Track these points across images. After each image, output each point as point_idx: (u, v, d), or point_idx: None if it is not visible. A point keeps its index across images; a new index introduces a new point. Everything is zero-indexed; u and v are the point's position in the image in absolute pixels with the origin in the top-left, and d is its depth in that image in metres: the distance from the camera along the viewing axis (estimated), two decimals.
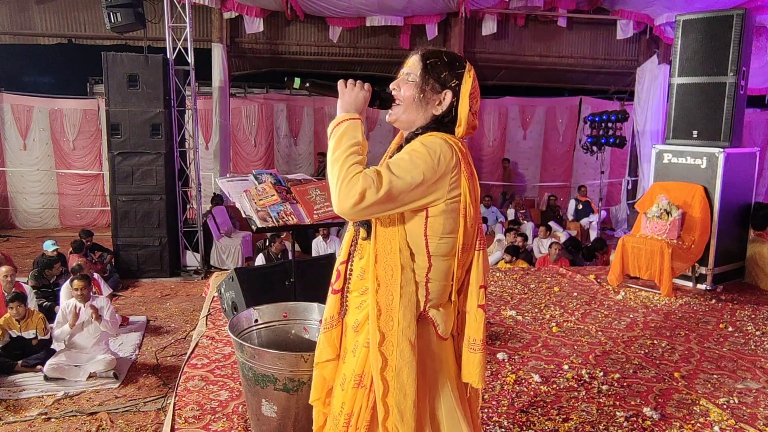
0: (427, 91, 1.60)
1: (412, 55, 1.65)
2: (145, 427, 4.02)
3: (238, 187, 3.30)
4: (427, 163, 1.50)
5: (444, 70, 1.60)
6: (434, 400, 1.64)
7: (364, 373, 1.60)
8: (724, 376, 3.32)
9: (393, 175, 1.47)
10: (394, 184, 1.46)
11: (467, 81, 1.60)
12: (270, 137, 11.80)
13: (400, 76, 1.66)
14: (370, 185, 1.44)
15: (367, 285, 1.61)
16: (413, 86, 1.61)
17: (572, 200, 11.06)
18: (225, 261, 8.58)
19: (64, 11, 9.65)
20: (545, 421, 2.76)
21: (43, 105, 10.79)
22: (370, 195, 1.44)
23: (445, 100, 1.60)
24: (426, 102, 1.61)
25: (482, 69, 11.26)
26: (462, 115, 1.60)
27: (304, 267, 3.67)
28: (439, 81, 1.60)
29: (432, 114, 1.62)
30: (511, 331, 3.96)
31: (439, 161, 1.51)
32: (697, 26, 5.01)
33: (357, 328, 1.63)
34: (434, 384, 1.64)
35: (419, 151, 1.52)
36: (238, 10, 9.54)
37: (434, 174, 1.50)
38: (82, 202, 11.08)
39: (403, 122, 1.65)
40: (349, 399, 1.63)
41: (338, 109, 1.59)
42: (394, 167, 1.49)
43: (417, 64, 1.62)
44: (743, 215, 5.23)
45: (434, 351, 1.64)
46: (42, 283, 6.38)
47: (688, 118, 5.11)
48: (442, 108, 1.61)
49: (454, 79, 1.60)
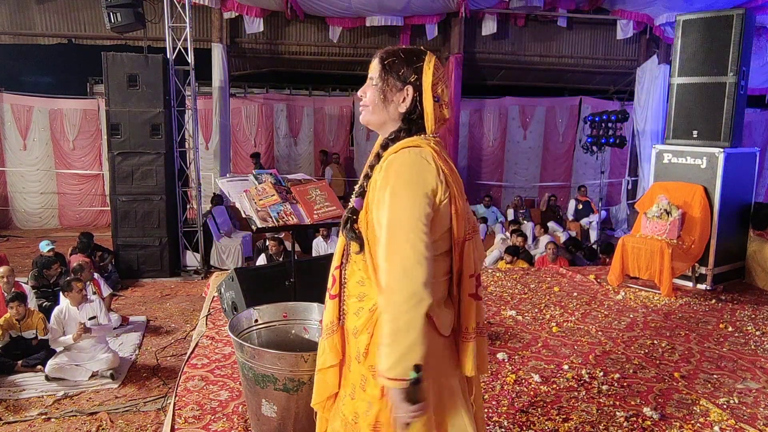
0: (387, 91, 1.61)
1: (374, 59, 1.67)
2: (145, 427, 4.02)
3: (238, 187, 3.31)
4: (421, 208, 1.48)
5: (402, 66, 1.60)
6: (440, 400, 1.64)
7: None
8: (724, 376, 3.32)
9: (412, 250, 1.44)
10: (418, 250, 1.45)
11: (427, 73, 1.60)
12: (270, 137, 11.80)
13: (366, 81, 1.68)
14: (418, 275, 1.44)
15: (364, 291, 1.61)
16: (376, 89, 1.63)
17: (572, 200, 11.06)
18: (225, 261, 8.58)
19: (64, 11, 9.65)
20: (545, 421, 2.76)
21: (43, 105, 10.79)
22: (420, 274, 1.43)
23: (407, 96, 1.61)
24: (389, 101, 1.62)
25: (482, 69, 11.28)
26: (427, 109, 1.60)
27: (304, 267, 3.67)
28: (399, 78, 1.60)
29: (399, 112, 1.62)
30: (511, 331, 3.96)
31: (426, 195, 1.49)
32: (697, 26, 5.01)
33: (356, 334, 1.62)
34: (438, 384, 1.64)
35: (407, 203, 1.47)
36: (238, 10, 9.54)
37: (431, 205, 1.50)
38: (81, 202, 11.08)
39: (374, 124, 1.68)
40: (364, 407, 1.60)
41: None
42: (405, 242, 1.45)
43: (377, 67, 1.64)
44: (743, 215, 5.23)
45: (437, 351, 1.63)
46: (42, 283, 6.38)
47: (688, 118, 5.11)
48: (406, 105, 1.61)
49: (413, 73, 1.60)
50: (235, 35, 10.17)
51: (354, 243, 1.62)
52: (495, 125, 12.39)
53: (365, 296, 1.62)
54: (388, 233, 1.48)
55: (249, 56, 10.60)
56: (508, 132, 12.52)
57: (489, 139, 12.44)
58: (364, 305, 1.62)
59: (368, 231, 1.58)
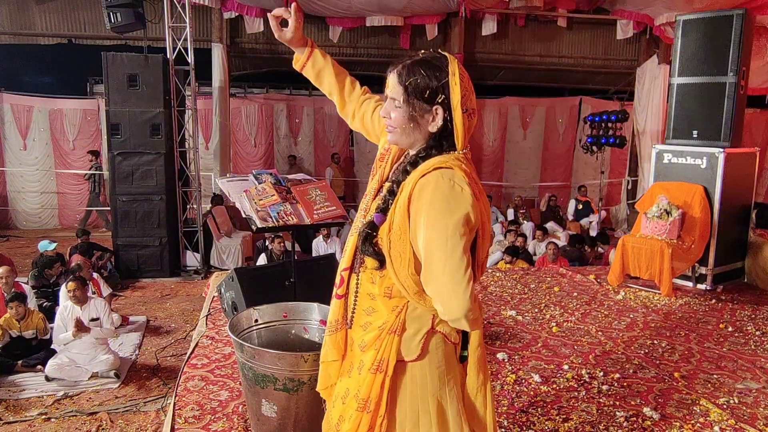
0: (416, 115, 1.52)
1: (390, 76, 1.55)
2: (145, 427, 4.02)
3: (238, 187, 3.31)
4: (458, 229, 1.44)
5: (426, 86, 1.49)
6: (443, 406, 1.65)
7: (370, 398, 1.59)
8: (724, 376, 3.32)
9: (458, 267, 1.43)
10: (461, 265, 1.44)
11: (455, 90, 1.49)
12: (270, 137, 11.80)
13: (387, 99, 1.59)
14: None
15: (374, 306, 1.60)
16: (401, 111, 1.53)
17: (572, 200, 11.06)
18: (225, 261, 8.58)
19: (64, 11, 9.65)
20: (545, 421, 2.76)
21: (43, 105, 10.78)
22: (464, 293, 1.43)
23: (437, 115, 1.51)
24: (419, 124, 1.53)
25: (482, 69, 11.26)
26: (458, 126, 1.51)
27: (304, 267, 3.67)
28: (426, 100, 1.50)
29: (429, 132, 1.54)
30: (511, 331, 3.96)
31: (465, 216, 1.44)
32: (697, 26, 5.01)
33: (364, 348, 1.62)
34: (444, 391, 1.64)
35: (447, 223, 1.43)
36: (238, 10, 9.54)
37: (466, 233, 1.46)
38: (81, 202, 11.08)
39: (405, 145, 1.60)
40: (349, 417, 1.62)
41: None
42: (449, 260, 1.43)
43: (397, 88, 1.53)
44: (743, 215, 5.23)
45: (451, 358, 1.64)
46: (42, 283, 6.38)
47: (688, 118, 5.11)
48: (437, 124, 1.52)
49: (440, 93, 1.49)
50: (235, 35, 10.17)
51: (371, 259, 1.57)
52: (495, 125, 12.39)
53: (374, 312, 1.61)
54: (428, 262, 1.46)
55: (249, 56, 10.60)
56: (508, 132, 12.52)
57: (489, 139, 12.44)
58: (373, 321, 1.61)
59: (391, 250, 1.52)
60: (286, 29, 1.87)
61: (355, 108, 1.94)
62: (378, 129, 1.86)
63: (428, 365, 1.59)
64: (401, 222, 1.50)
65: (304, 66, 1.95)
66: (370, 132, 1.93)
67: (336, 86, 1.94)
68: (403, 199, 1.50)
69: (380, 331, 1.58)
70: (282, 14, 1.86)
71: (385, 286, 1.58)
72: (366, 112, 1.91)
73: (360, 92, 1.95)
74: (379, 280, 1.58)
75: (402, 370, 1.60)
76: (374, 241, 1.55)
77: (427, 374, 1.59)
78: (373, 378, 1.58)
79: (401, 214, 1.49)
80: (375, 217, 1.55)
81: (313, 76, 1.96)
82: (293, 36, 1.87)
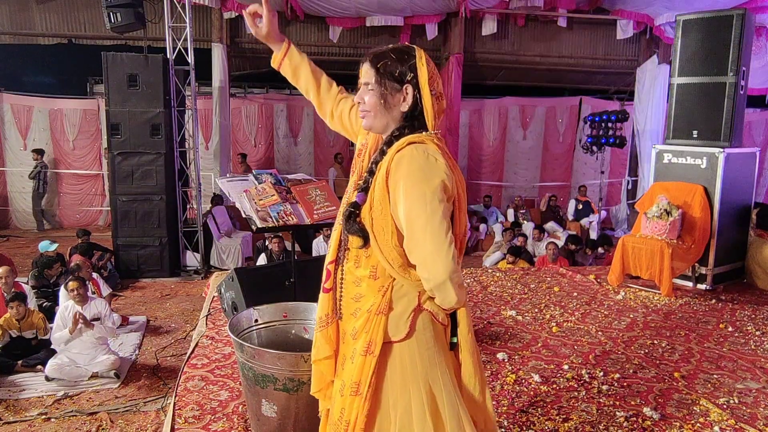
0: (387, 94, 1.62)
1: (363, 65, 1.67)
2: (145, 427, 4.02)
3: (238, 187, 3.31)
4: (437, 195, 1.51)
5: (396, 67, 1.61)
6: (437, 392, 1.65)
7: (361, 382, 1.60)
8: (724, 376, 3.32)
9: (439, 236, 1.50)
10: (443, 233, 1.50)
11: (422, 69, 1.60)
12: (270, 137, 11.80)
13: (360, 86, 1.68)
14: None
15: (360, 291, 1.63)
16: (374, 93, 1.63)
17: (572, 200, 11.06)
18: (225, 261, 8.58)
19: (64, 11, 9.65)
20: (545, 421, 2.76)
21: (43, 105, 10.78)
22: (448, 257, 1.50)
23: (408, 95, 1.61)
24: (391, 104, 1.63)
25: (482, 69, 11.27)
26: (427, 105, 1.61)
27: (304, 267, 3.67)
28: (396, 79, 1.61)
29: (401, 112, 1.63)
30: (511, 331, 3.96)
31: (441, 183, 1.52)
32: (697, 26, 5.00)
33: (355, 336, 1.64)
34: (436, 376, 1.65)
35: (425, 190, 1.51)
36: (238, 10, 9.53)
37: (444, 199, 1.52)
38: (81, 202, 11.08)
39: (378, 128, 1.68)
40: (348, 406, 1.63)
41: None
42: (427, 226, 1.50)
43: (370, 72, 1.64)
44: (743, 215, 5.23)
45: (440, 337, 1.66)
46: (42, 283, 6.38)
47: (688, 118, 5.11)
48: (407, 104, 1.62)
49: (409, 72, 1.61)
50: (235, 35, 10.17)
51: (355, 238, 1.62)
52: (495, 125, 12.39)
53: (362, 297, 1.64)
54: (410, 230, 1.52)
55: (249, 56, 10.60)
56: (508, 132, 12.52)
57: (489, 139, 12.44)
58: (361, 306, 1.63)
59: (374, 226, 1.58)
60: (261, 24, 1.90)
61: (332, 107, 2.01)
62: (356, 126, 1.91)
63: (417, 346, 1.61)
64: (381, 197, 1.56)
65: (281, 63, 2.01)
66: (349, 130, 1.98)
67: (313, 83, 2.00)
68: (382, 175, 1.57)
69: (369, 314, 1.61)
70: (257, 9, 1.90)
71: (371, 265, 1.62)
72: (344, 111, 1.98)
73: (336, 91, 2.02)
74: (365, 260, 1.63)
75: (390, 352, 1.61)
76: (357, 219, 1.61)
77: (417, 355, 1.61)
78: (363, 360, 1.60)
79: (381, 189, 1.56)
80: (357, 197, 1.62)
81: (290, 73, 2.03)
82: (268, 30, 1.92)
